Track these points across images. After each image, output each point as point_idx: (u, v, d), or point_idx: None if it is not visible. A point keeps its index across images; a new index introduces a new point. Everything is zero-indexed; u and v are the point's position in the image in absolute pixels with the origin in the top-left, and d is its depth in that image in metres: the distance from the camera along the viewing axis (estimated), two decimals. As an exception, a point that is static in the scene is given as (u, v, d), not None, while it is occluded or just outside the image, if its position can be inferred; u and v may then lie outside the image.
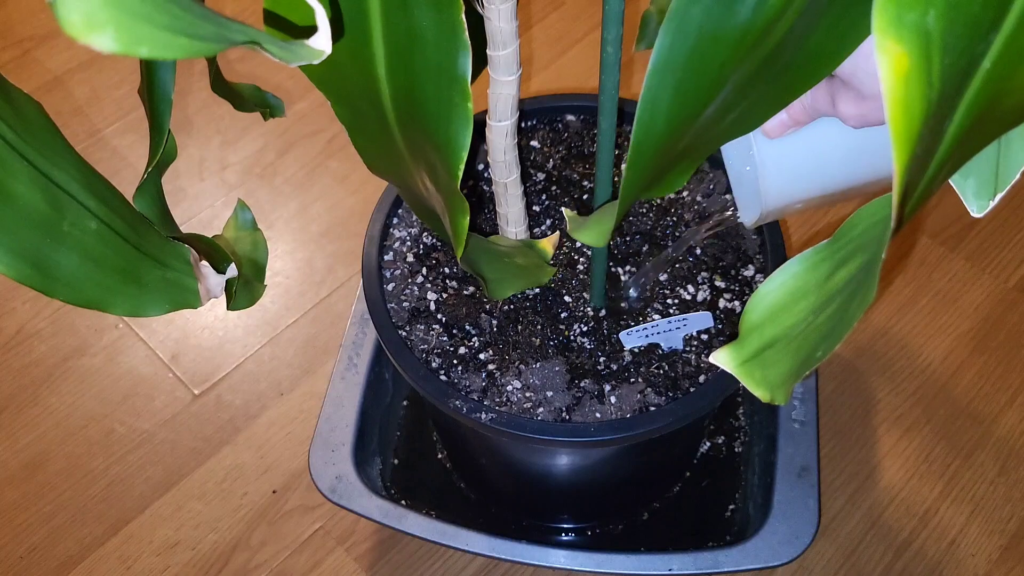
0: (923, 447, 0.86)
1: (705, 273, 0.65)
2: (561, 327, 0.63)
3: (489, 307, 0.64)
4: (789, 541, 0.70)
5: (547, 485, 0.75)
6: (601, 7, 0.43)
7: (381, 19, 0.35)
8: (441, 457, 0.85)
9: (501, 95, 0.51)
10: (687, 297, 0.64)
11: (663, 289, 0.65)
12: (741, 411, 0.86)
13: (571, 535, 0.81)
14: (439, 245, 0.68)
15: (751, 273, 0.65)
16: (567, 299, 0.64)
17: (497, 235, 0.63)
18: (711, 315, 0.62)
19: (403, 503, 0.75)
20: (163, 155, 0.43)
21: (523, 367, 0.61)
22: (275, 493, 0.86)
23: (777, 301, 0.34)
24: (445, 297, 0.65)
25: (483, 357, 0.62)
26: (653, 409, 0.59)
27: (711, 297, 0.64)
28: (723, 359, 0.34)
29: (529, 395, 0.60)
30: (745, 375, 0.34)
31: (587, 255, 0.66)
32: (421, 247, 0.68)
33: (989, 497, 0.83)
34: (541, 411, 0.59)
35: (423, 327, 0.63)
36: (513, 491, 0.81)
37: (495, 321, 0.63)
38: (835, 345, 0.31)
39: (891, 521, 0.82)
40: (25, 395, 0.93)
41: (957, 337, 0.93)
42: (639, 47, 0.65)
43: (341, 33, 0.36)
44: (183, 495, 0.86)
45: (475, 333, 0.63)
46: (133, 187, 0.43)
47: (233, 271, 0.45)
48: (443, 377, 0.61)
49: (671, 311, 0.63)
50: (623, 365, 0.61)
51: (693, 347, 0.62)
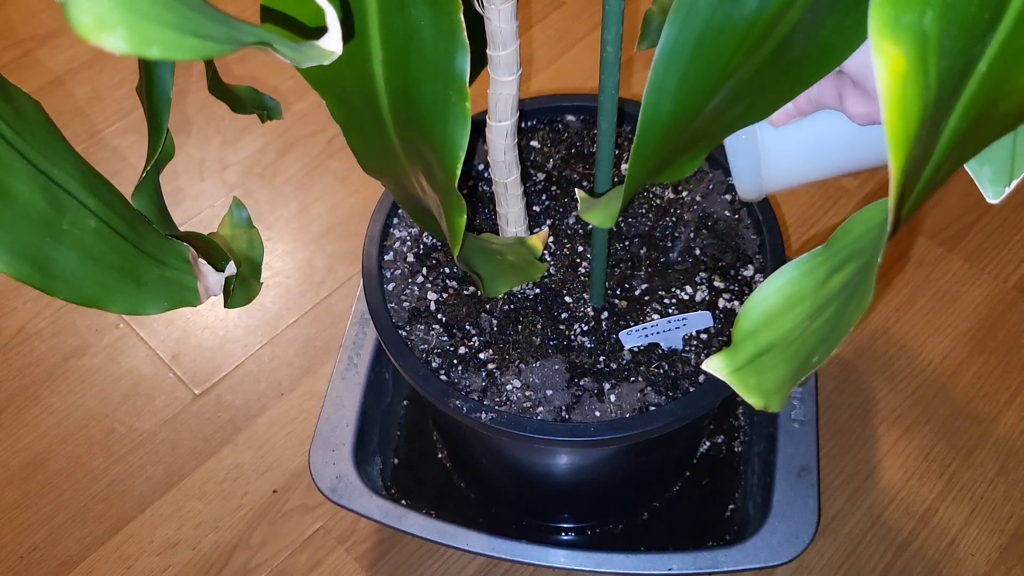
0: (923, 447, 0.86)
1: (704, 273, 0.65)
2: (561, 327, 0.63)
3: (489, 307, 0.64)
4: (789, 541, 0.70)
5: (547, 485, 0.75)
6: (601, 7, 0.43)
7: (379, 18, 0.35)
8: (441, 457, 0.85)
9: (501, 95, 0.51)
10: (685, 297, 0.64)
11: (662, 290, 0.65)
12: (741, 411, 0.86)
13: (571, 535, 0.81)
14: (439, 245, 0.68)
15: (751, 273, 0.65)
16: (567, 299, 0.64)
17: (488, 233, 0.63)
18: (711, 315, 0.62)
19: (403, 503, 0.75)
20: (161, 154, 0.43)
21: (523, 366, 0.61)
22: (275, 493, 0.86)
23: (771, 307, 0.34)
24: (445, 297, 0.65)
25: (483, 357, 0.62)
26: (653, 409, 0.59)
27: (710, 297, 0.64)
28: (716, 366, 0.34)
29: (529, 394, 0.60)
30: (739, 382, 0.34)
31: (587, 257, 0.66)
32: (421, 247, 0.68)
33: (989, 497, 0.83)
34: (541, 410, 0.59)
35: (423, 327, 0.63)
36: (513, 491, 0.81)
37: (495, 321, 0.64)
38: (831, 351, 0.31)
39: (891, 521, 0.82)
40: (26, 395, 0.93)
41: (956, 337, 0.93)
42: (641, 47, 0.65)
43: (351, 35, 0.36)
44: (183, 495, 0.86)
45: (475, 333, 0.63)
46: (133, 187, 0.44)
47: (232, 269, 0.45)
48: (443, 377, 0.61)
49: (670, 311, 0.63)
50: (623, 364, 0.61)
51: (693, 347, 0.62)
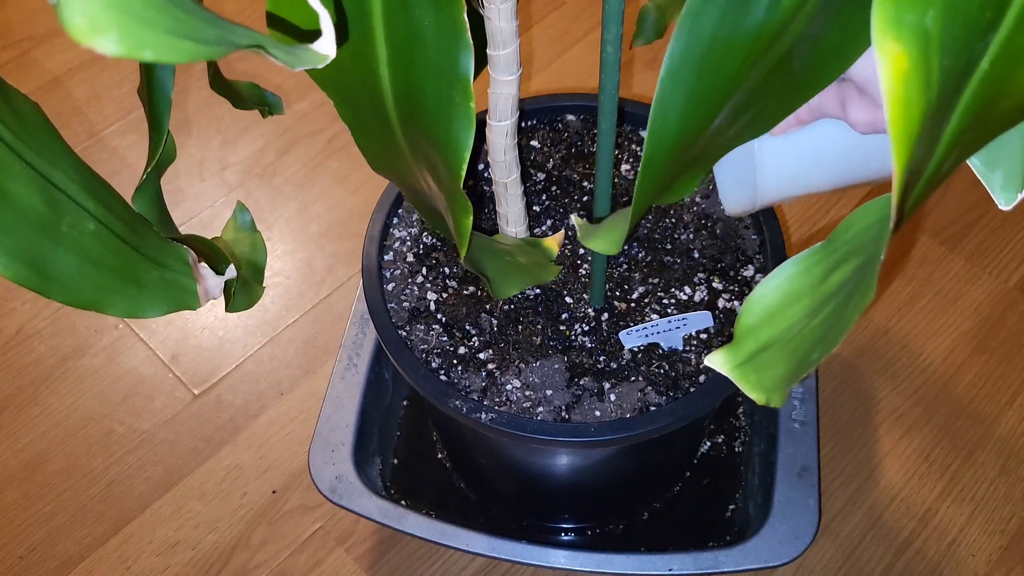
0: (923, 447, 0.86)
1: (704, 273, 0.65)
2: (562, 327, 0.63)
3: (489, 307, 0.64)
4: (789, 541, 0.70)
5: (547, 485, 0.75)
6: (601, 7, 0.43)
7: (383, 19, 0.35)
8: (441, 457, 0.85)
9: (501, 95, 0.51)
10: (684, 297, 0.64)
11: (662, 290, 0.65)
12: (741, 411, 0.85)
13: (571, 535, 0.81)
14: (439, 245, 0.68)
15: (751, 273, 0.65)
16: (568, 299, 0.64)
17: (499, 234, 0.63)
18: (711, 314, 0.62)
19: (403, 503, 0.75)
20: (162, 155, 0.43)
21: (523, 366, 0.61)
22: (275, 493, 0.86)
23: (772, 304, 0.34)
24: (445, 297, 0.65)
25: (483, 357, 0.62)
26: (653, 409, 0.59)
27: (710, 297, 0.64)
28: (718, 362, 0.34)
29: (529, 394, 0.60)
30: (740, 378, 0.34)
31: (588, 259, 0.66)
32: (421, 247, 0.68)
33: (989, 497, 0.83)
34: (541, 410, 0.59)
35: (423, 327, 0.63)
36: (513, 491, 0.81)
37: (495, 321, 0.63)
38: (832, 347, 0.31)
39: (891, 521, 0.82)
40: (25, 395, 0.92)
41: (957, 337, 0.93)
42: (637, 43, 0.65)
43: (345, 37, 0.36)
44: (183, 495, 0.86)
45: (475, 333, 0.63)
46: (133, 188, 0.43)
47: (232, 272, 0.45)
48: (443, 377, 0.61)
49: (670, 311, 0.63)
50: (623, 364, 0.61)
51: (693, 347, 0.62)
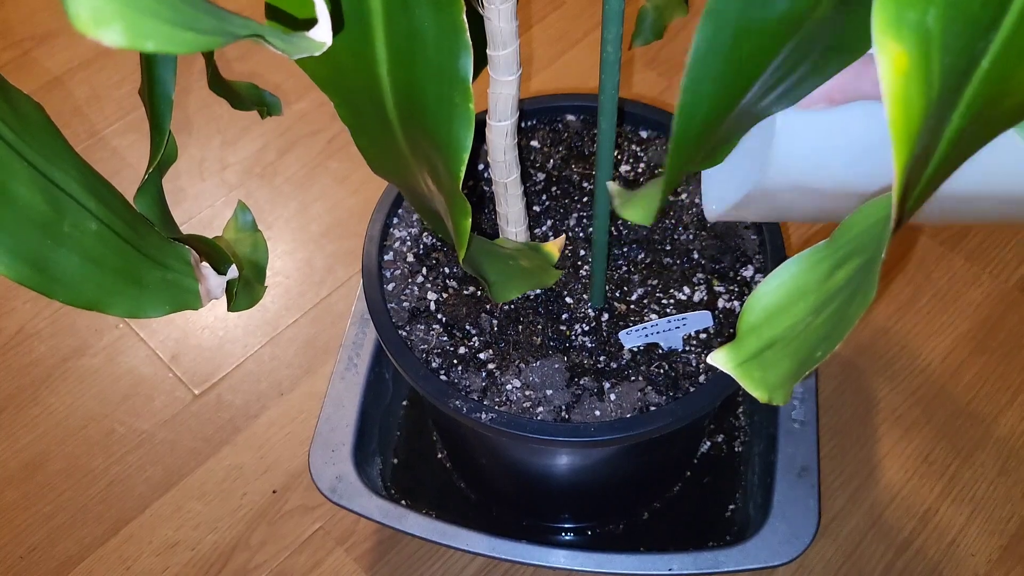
0: (923, 447, 0.86)
1: (703, 274, 0.65)
2: (562, 328, 0.63)
3: (489, 307, 0.64)
4: (789, 541, 0.70)
5: (547, 485, 0.75)
6: (601, 7, 0.43)
7: (383, 19, 0.36)
8: (441, 457, 0.85)
9: (501, 95, 0.51)
10: (683, 298, 0.64)
11: (662, 291, 0.65)
12: (741, 411, 0.86)
13: (571, 535, 0.81)
14: (439, 245, 0.68)
15: (750, 273, 0.65)
16: (568, 300, 0.64)
17: (501, 238, 0.63)
18: (710, 314, 0.62)
19: (403, 503, 0.75)
20: (164, 156, 0.43)
21: (523, 366, 0.61)
22: (275, 493, 0.86)
23: (775, 302, 0.34)
24: (445, 297, 0.65)
25: (483, 357, 0.62)
26: (653, 409, 0.59)
27: (710, 297, 0.64)
28: (721, 360, 0.34)
29: (529, 394, 0.60)
30: (743, 376, 0.34)
31: (588, 260, 0.66)
32: (421, 247, 0.68)
33: (989, 497, 0.83)
34: (541, 410, 0.59)
35: (423, 327, 0.63)
36: (513, 491, 0.81)
37: (495, 321, 0.63)
38: (834, 345, 0.31)
39: (891, 521, 0.82)
40: (25, 395, 0.93)
41: (957, 337, 0.93)
42: (636, 43, 0.65)
43: (341, 26, 0.36)
44: (183, 495, 0.86)
45: (475, 333, 0.63)
46: (133, 187, 0.43)
47: (234, 272, 0.45)
48: (443, 377, 0.61)
49: (670, 311, 0.63)
50: (623, 364, 0.61)
51: (692, 347, 0.62)
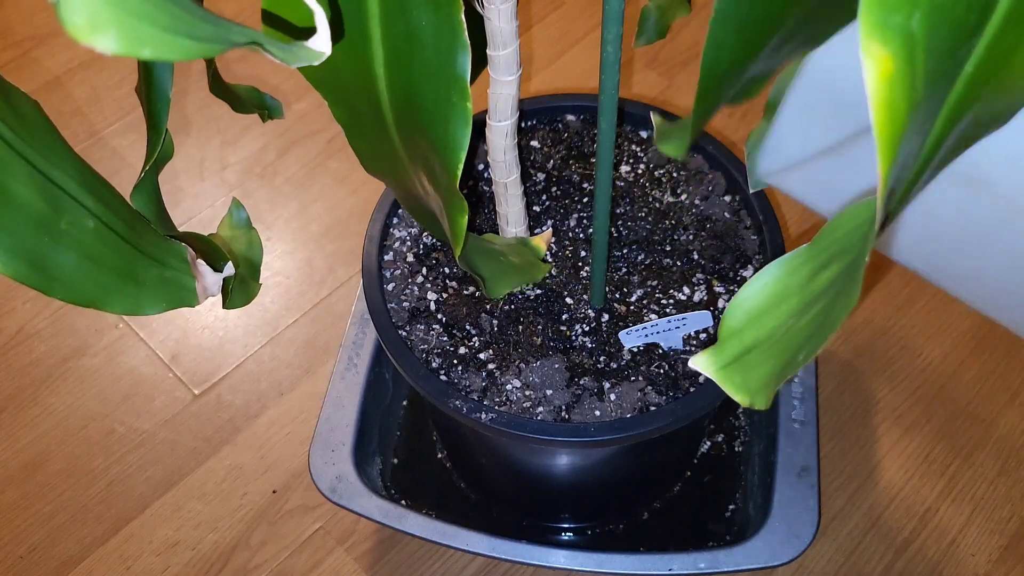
0: (923, 447, 0.86)
1: (703, 274, 0.65)
2: (562, 328, 0.63)
3: (490, 307, 0.64)
4: (789, 541, 0.70)
5: (547, 485, 0.75)
6: (601, 7, 0.43)
7: (380, 19, 0.36)
8: (441, 457, 0.85)
9: (501, 95, 0.51)
10: (683, 298, 0.64)
11: (662, 291, 0.65)
12: (741, 411, 0.86)
13: (571, 535, 0.81)
14: (439, 245, 0.68)
15: (750, 274, 0.65)
16: (568, 300, 0.64)
17: (490, 234, 0.63)
18: (710, 314, 0.62)
19: (403, 503, 0.75)
20: (160, 154, 0.43)
21: (523, 366, 0.61)
22: (275, 493, 0.86)
23: (757, 305, 0.34)
24: (445, 297, 0.65)
25: (483, 357, 0.62)
26: (653, 409, 0.59)
27: (710, 297, 0.64)
28: (702, 364, 0.34)
29: (529, 394, 0.60)
30: (725, 379, 0.34)
31: (589, 262, 0.66)
32: (421, 247, 0.68)
33: (989, 497, 0.83)
34: (541, 410, 0.59)
35: (423, 327, 0.63)
36: (513, 491, 0.81)
37: (495, 321, 0.63)
38: (818, 348, 0.31)
39: (891, 521, 0.82)
40: (25, 395, 0.93)
41: (957, 337, 0.93)
42: (638, 43, 0.65)
43: (341, 35, 0.36)
44: (183, 495, 0.86)
45: (475, 333, 0.63)
46: (132, 187, 0.44)
47: (230, 269, 0.45)
48: (443, 377, 0.61)
49: (669, 311, 0.63)
50: (623, 364, 0.61)
51: (692, 346, 0.62)
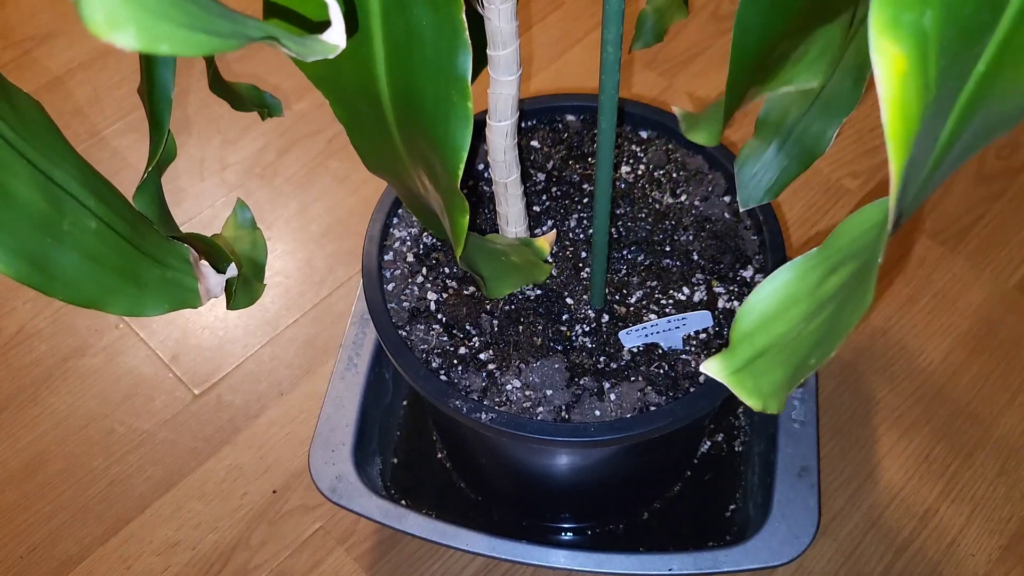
0: (923, 447, 0.86)
1: (703, 275, 0.65)
2: (563, 328, 0.63)
3: (490, 307, 0.64)
4: (789, 541, 0.70)
5: (547, 485, 0.75)
6: (601, 7, 0.43)
7: (381, 18, 0.36)
8: (441, 457, 0.85)
9: (501, 95, 0.51)
10: (683, 298, 0.64)
11: (662, 291, 0.65)
12: (741, 410, 0.86)
13: (571, 535, 0.81)
14: (439, 245, 0.68)
15: (750, 274, 0.65)
16: (568, 300, 0.64)
17: (493, 234, 0.63)
18: (710, 314, 0.62)
19: (403, 503, 0.75)
20: (163, 155, 0.43)
21: (523, 366, 0.61)
22: (275, 493, 0.86)
23: (768, 309, 0.34)
24: (445, 297, 0.65)
25: (483, 357, 0.62)
26: (653, 409, 0.59)
27: (709, 298, 0.64)
28: (714, 368, 0.34)
29: (529, 394, 0.60)
30: (736, 384, 0.34)
31: (589, 263, 0.66)
32: (421, 247, 0.68)
33: (989, 497, 0.83)
34: (541, 410, 0.59)
35: (423, 327, 0.63)
36: (513, 491, 0.81)
37: (495, 321, 0.63)
38: (829, 353, 0.31)
39: (891, 521, 0.82)
40: (25, 395, 0.93)
41: (957, 337, 0.93)
42: (636, 46, 0.65)
43: (355, 28, 0.36)
44: (183, 495, 0.86)
45: (475, 333, 0.63)
46: (134, 187, 0.44)
47: (233, 270, 0.45)
48: (443, 377, 0.61)
49: (669, 311, 0.63)
50: (623, 364, 0.61)
51: (692, 347, 0.62)
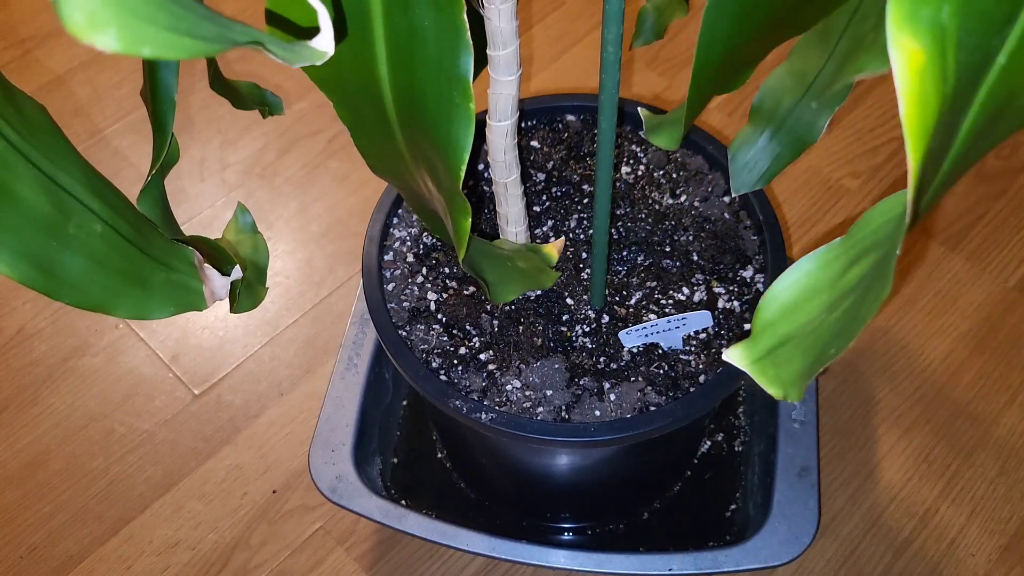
0: (923, 447, 0.86)
1: (703, 275, 0.65)
2: (563, 328, 0.63)
3: (490, 307, 0.64)
4: (789, 541, 0.70)
5: (547, 485, 0.75)
6: (601, 7, 0.43)
7: (383, 19, 0.36)
8: (441, 457, 0.85)
9: (501, 95, 0.51)
10: (682, 298, 0.64)
11: (661, 291, 0.65)
12: (741, 411, 0.86)
13: (571, 535, 0.81)
14: (439, 245, 0.68)
15: (750, 274, 0.65)
16: (568, 301, 0.64)
17: (500, 239, 0.63)
18: (710, 314, 0.62)
19: (403, 503, 0.75)
20: (166, 157, 0.43)
21: (523, 366, 0.61)
22: (275, 493, 0.86)
23: (790, 299, 0.34)
24: (445, 297, 0.65)
25: (483, 357, 0.62)
26: (653, 409, 0.59)
27: (709, 298, 0.64)
28: (736, 357, 0.35)
29: (529, 394, 0.60)
30: (758, 373, 0.34)
31: (590, 264, 0.66)
32: (421, 247, 0.68)
33: (989, 497, 0.83)
34: (541, 410, 0.59)
35: (423, 327, 0.63)
36: (513, 491, 0.81)
37: (496, 321, 0.64)
38: (849, 342, 0.31)
39: (891, 521, 0.83)
40: (25, 395, 0.93)
41: (957, 337, 0.93)
42: (636, 44, 0.65)
43: (344, 34, 0.36)
44: (183, 495, 0.86)
45: (475, 333, 0.63)
46: (135, 187, 0.44)
47: (237, 273, 0.45)
48: (443, 377, 0.61)
49: (669, 311, 0.63)
50: (623, 364, 0.61)
51: (692, 346, 0.62)
